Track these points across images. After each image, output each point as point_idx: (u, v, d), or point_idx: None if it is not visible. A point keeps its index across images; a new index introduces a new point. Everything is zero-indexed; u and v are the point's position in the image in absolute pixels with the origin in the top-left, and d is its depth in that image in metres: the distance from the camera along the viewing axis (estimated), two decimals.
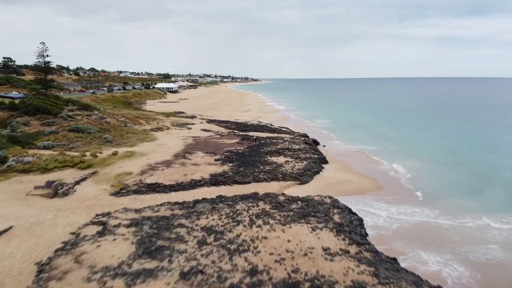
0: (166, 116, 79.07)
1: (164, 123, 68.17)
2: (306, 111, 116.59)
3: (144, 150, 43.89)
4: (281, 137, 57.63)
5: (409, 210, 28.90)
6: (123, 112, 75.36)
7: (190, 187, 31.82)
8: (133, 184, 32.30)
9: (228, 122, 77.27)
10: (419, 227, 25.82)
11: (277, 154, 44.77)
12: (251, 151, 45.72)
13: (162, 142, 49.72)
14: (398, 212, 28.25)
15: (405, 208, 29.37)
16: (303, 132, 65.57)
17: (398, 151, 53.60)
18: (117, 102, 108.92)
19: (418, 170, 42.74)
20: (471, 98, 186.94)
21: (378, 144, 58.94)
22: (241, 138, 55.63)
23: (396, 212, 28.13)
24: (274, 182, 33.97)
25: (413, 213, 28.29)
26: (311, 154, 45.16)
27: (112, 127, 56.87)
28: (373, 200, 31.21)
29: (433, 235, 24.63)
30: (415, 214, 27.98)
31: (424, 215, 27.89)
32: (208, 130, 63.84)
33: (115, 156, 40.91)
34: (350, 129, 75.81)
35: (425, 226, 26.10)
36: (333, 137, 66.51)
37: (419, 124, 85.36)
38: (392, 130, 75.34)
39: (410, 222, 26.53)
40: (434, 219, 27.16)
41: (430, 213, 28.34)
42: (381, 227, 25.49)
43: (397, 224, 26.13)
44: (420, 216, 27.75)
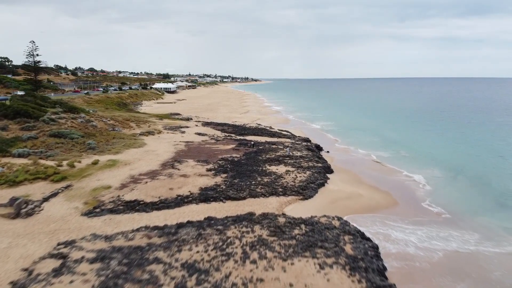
0: (160, 119, 74.65)
1: (156, 126, 63.75)
2: (307, 113, 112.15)
3: (129, 159, 39.46)
4: (281, 142, 53.20)
5: (442, 233, 24.22)
6: (113, 114, 70.97)
7: (176, 204, 27.39)
8: (110, 201, 27.87)
9: (225, 125, 72.85)
10: (461, 258, 21.13)
11: (276, 162, 40.34)
12: (248, 159, 41.28)
13: (151, 149, 45.30)
14: (428, 236, 23.61)
15: (435, 230, 24.73)
16: (305, 136, 61.13)
17: (410, 158, 49.16)
18: (111, 103, 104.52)
19: (435, 181, 38.28)
20: (477, 98, 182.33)
21: (387, 149, 54.49)
22: (237, 143, 51.19)
23: (425, 237, 23.50)
24: (273, 198, 29.54)
25: (447, 237, 23.60)
26: (314, 163, 40.71)
27: (98, 132, 52.45)
28: (390, 219, 26.75)
29: (481, 269, 19.99)
30: (450, 239, 23.28)
31: (463, 241, 23.16)
32: (203, 134, 59.41)
33: (95, 166, 36.48)
34: (354, 132, 71.39)
35: (468, 256, 21.43)
36: (337, 141, 62.10)
37: (427, 126, 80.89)
38: (399, 133, 70.91)
39: (447, 251, 21.78)
40: (476, 246, 22.49)
41: (470, 237, 23.65)
42: (408, 257, 20.94)
43: (430, 253, 21.48)
44: (458, 242, 23.04)
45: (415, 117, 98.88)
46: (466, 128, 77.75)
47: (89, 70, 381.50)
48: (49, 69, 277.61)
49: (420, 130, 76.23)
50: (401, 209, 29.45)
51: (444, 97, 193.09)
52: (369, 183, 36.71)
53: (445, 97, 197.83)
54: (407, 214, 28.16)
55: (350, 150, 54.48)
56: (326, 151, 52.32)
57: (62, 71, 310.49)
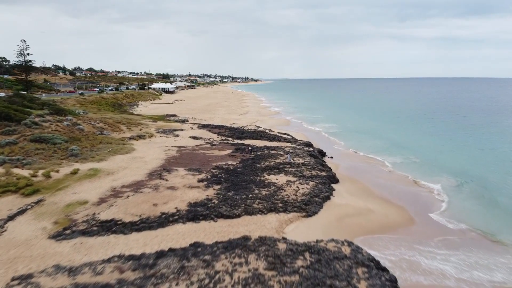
0: (154, 121, 70.90)
1: (149, 129, 59.99)
2: (308, 114, 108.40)
3: (113, 167, 35.70)
4: (281, 147, 49.44)
5: (481, 259, 20.30)
6: (105, 116, 67.24)
7: (159, 224, 23.63)
8: (83, 220, 24.12)
9: (222, 127, 69.10)
10: None
11: (276, 171, 36.58)
12: (245, 167, 37.52)
13: (139, 155, 41.55)
14: (466, 264, 19.67)
15: (472, 256, 20.80)
16: (307, 140, 57.34)
17: (420, 164, 45.40)
18: (105, 104, 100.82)
19: (452, 191, 34.53)
20: (480, 99, 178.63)
21: (394, 154, 50.75)
22: (234, 148, 47.43)
23: (463, 265, 19.59)
24: (272, 215, 25.79)
25: (489, 265, 19.64)
26: (317, 171, 36.95)
27: (84, 136, 48.71)
28: (410, 241, 22.97)
29: None
30: (493, 268, 19.34)
31: (509, 270, 19.27)
32: (198, 137, 55.66)
33: (74, 176, 32.73)
34: (358, 135, 67.64)
35: None
36: (341, 145, 58.34)
37: (432, 128, 77.11)
38: (405, 136, 67.13)
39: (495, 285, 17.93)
40: None
41: None
42: None
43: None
44: (503, 271, 19.15)
45: (419, 118, 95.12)
46: (473, 130, 73.98)
47: (88, 70, 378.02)
48: (46, 69, 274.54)
49: (426, 132, 72.48)
50: (420, 227, 25.70)
51: (446, 98, 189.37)
52: (379, 195, 32.98)
53: (448, 97, 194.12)
54: (428, 234, 24.39)
55: (355, 155, 50.75)
56: (329, 156, 48.58)
57: (60, 71, 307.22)
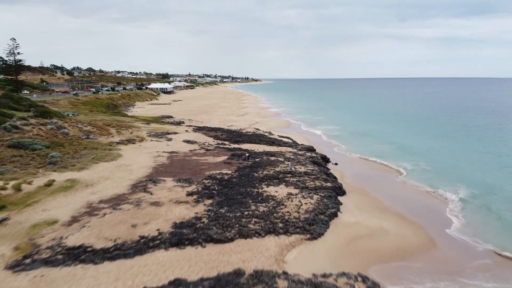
0: (147, 123, 67.18)
1: (140, 132, 56.27)
2: (309, 115, 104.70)
3: (93, 177, 31.99)
4: (281, 152, 45.73)
5: None
6: (95, 118, 63.55)
7: (136, 251, 19.95)
8: (48, 246, 20.43)
9: (219, 130, 65.38)
10: None
11: (276, 181, 32.87)
12: (241, 177, 33.81)
13: (125, 162, 37.84)
14: None
15: None
16: (309, 144, 53.60)
17: (432, 172, 41.66)
18: (99, 105, 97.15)
19: (472, 203, 30.85)
20: (487, 99, 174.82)
21: (403, 159, 47.03)
22: (230, 154, 43.70)
23: None
24: (271, 238, 22.09)
25: None
26: (322, 181, 33.23)
27: (68, 141, 45.01)
28: (443, 271, 19.28)
29: None
30: None
31: None
32: (192, 141, 51.95)
33: (48, 188, 29.03)
34: (362, 139, 63.86)
35: None
36: (345, 149, 54.60)
37: (440, 130, 73.30)
38: (412, 140, 63.35)
39: None
40: None
41: None
42: None
43: None
44: None
45: (424, 120, 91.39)
46: (483, 132, 70.28)
47: (88, 70, 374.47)
48: (44, 69, 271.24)
49: (434, 135, 68.74)
50: (443, 251, 22.01)
51: (450, 98, 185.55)
52: (392, 209, 29.29)
53: (451, 98, 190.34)
54: (457, 260, 20.73)
55: (361, 161, 47.03)
56: (333, 163, 44.88)
57: (58, 71, 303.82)
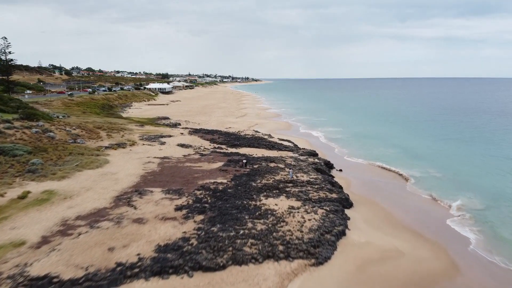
0: (141, 125, 64.11)
1: (132, 135, 53.21)
2: (310, 116, 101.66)
3: (74, 188, 28.94)
4: (282, 158, 42.68)
5: None
6: (86, 120, 60.51)
7: (111, 283, 16.89)
8: (9, 275, 17.35)
9: (216, 132, 62.32)
10: None
11: (276, 191, 29.82)
12: (238, 186, 30.77)
13: (111, 170, 34.78)
14: None
15: None
16: (310, 148, 50.52)
17: (444, 180, 38.61)
18: (93, 106, 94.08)
19: (491, 217, 27.77)
20: (492, 100, 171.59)
21: (410, 165, 44.01)
22: (227, 160, 40.65)
23: None
24: (269, 264, 19.04)
25: None
26: (326, 192, 30.18)
27: (53, 146, 41.96)
28: None
29: None
30: None
31: None
32: (187, 145, 48.91)
33: (21, 202, 25.97)
34: (366, 142, 60.81)
35: None
36: (349, 153, 51.51)
37: (447, 132, 70.23)
38: (420, 142, 60.32)
39: None
40: None
41: None
42: None
43: None
44: None
45: (429, 121, 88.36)
46: (491, 134, 67.30)
47: (87, 70, 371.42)
48: (42, 68, 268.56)
49: (441, 137, 65.73)
50: (472, 278, 18.96)
51: (452, 98, 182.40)
52: (405, 224, 26.27)
53: (453, 98, 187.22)
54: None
55: (366, 167, 43.98)
56: (338, 169, 41.87)
57: (57, 71, 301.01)
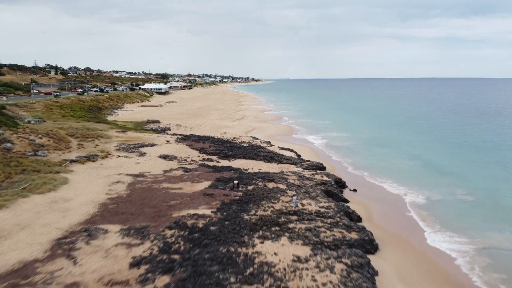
0: (123, 131, 56.59)
1: (109, 144, 45.70)
2: (314, 119, 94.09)
3: (5, 225, 21.40)
4: (282, 174, 35.12)
5: None
6: (61, 126, 53.08)
7: None
8: None
9: (208, 139, 54.81)
10: None
11: (276, 229, 22.28)
12: (224, 220, 23.24)
13: (65, 195, 27.27)
14: None
15: None
16: (317, 161, 42.79)
17: (478, 204, 31.08)
18: (78, 109, 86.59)
19: None
20: (503, 100, 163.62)
21: (435, 183, 36.76)
22: (215, 179, 33.06)
23: None
24: None
25: None
26: (342, 229, 22.62)
27: (5, 160, 34.42)
28: None
29: None
30: None
31: None
32: (170, 157, 41.42)
33: None
34: (379, 151, 53.01)
35: None
36: (361, 167, 43.73)
37: (472, 139, 61.78)
38: (440, 152, 52.56)
39: None
40: None
41: None
42: None
43: None
44: None
45: (445, 125, 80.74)
46: None
47: (85, 70, 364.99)
48: (36, 68, 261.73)
49: (463, 144, 58.06)
50: None
51: (461, 99, 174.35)
52: (456, 279, 18.74)
53: (463, 98, 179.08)
54: None
55: (386, 187, 36.11)
56: (351, 189, 34.34)
57: (53, 70, 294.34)
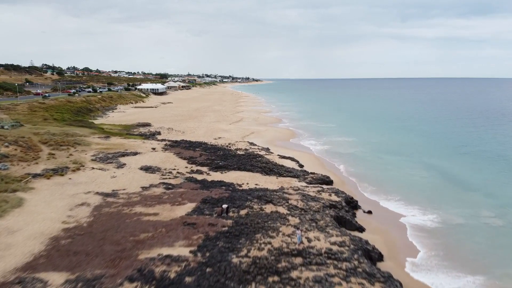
0: (106, 137, 51.00)
1: (85, 153, 40.13)
2: (316, 121, 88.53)
3: None
4: (283, 194, 29.52)
5: None
6: (37, 131, 47.55)
7: None
8: None
9: (200, 146, 49.24)
10: None
11: (274, 278, 16.68)
12: (206, 266, 17.64)
13: (12, 224, 21.66)
14: None
15: None
16: (322, 173, 37.09)
17: None
18: (64, 111, 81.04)
19: None
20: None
21: (465, 203, 30.91)
22: (201, 199, 27.46)
23: None
24: None
25: None
26: (362, 278, 17.01)
27: None
28: None
29: None
30: None
31: None
32: (153, 169, 35.86)
33: None
34: (391, 160, 47.37)
35: None
36: (373, 180, 38.05)
37: (494, 147, 55.88)
38: (460, 164, 46.26)
39: None
40: None
41: None
42: None
43: None
44: None
45: (459, 128, 75.03)
46: None
47: (83, 70, 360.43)
48: (32, 68, 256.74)
49: (490, 152, 52.07)
50: None
51: (468, 99, 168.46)
52: None
53: (469, 99, 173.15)
54: None
55: (403, 207, 30.41)
56: (366, 210, 28.77)
57: (50, 70, 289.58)
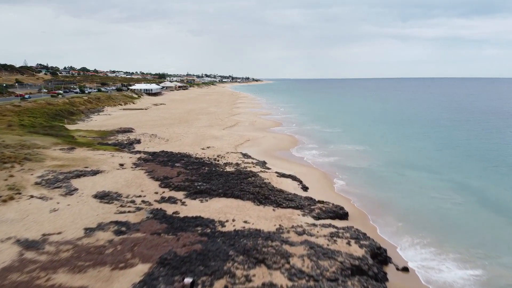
0: (68, 149, 42.31)
1: (30, 173, 31.45)
2: (320, 125, 79.76)
3: None
4: (282, 241, 20.83)
5: None
6: None
7: None
8: None
9: (182, 159, 40.57)
10: None
11: None
12: None
13: None
14: None
15: None
16: (333, 204, 28.39)
17: None
18: (40, 115, 72.39)
19: None
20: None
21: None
22: (158, 259, 18.68)
23: None
24: None
25: None
26: None
27: None
28: None
29: None
30: None
31: None
32: (111, 197, 27.21)
33: None
34: (414, 178, 38.68)
35: None
36: (398, 207, 29.47)
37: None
38: (495, 180, 38.22)
39: None
40: None
41: None
42: None
43: None
44: None
45: (480, 133, 66.31)
46: None
47: (81, 70, 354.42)
48: (24, 68, 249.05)
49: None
50: None
51: (482, 100, 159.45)
52: None
53: (483, 100, 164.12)
54: None
55: (449, 265, 21.70)
56: (398, 267, 20.04)
57: (44, 70, 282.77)
